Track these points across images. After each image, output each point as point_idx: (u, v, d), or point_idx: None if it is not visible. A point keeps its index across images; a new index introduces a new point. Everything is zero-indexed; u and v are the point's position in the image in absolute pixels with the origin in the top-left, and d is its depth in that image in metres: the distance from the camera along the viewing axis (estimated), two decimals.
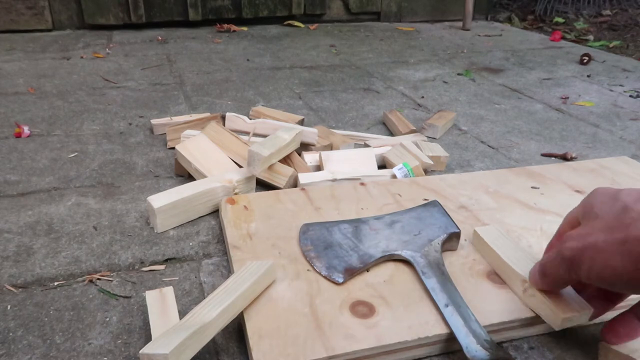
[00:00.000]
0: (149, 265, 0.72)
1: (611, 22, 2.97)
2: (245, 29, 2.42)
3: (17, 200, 0.89)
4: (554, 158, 1.11)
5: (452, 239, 0.70)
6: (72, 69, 1.70)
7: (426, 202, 0.79)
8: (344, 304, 0.60)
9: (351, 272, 0.65)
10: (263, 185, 0.93)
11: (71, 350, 0.57)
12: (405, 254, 0.67)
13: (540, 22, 3.00)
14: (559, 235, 0.59)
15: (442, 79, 1.70)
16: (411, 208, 0.77)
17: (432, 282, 0.62)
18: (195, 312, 0.54)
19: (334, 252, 0.68)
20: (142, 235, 0.79)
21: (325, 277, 0.64)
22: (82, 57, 1.85)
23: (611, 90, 1.60)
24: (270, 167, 0.90)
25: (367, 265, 0.66)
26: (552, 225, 0.78)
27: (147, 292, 0.62)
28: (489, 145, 1.17)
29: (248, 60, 1.88)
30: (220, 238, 0.79)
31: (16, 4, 2.18)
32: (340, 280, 0.63)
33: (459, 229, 0.70)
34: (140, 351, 0.49)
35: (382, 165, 1.01)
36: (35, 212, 0.85)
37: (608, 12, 3.18)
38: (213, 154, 0.94)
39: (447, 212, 0.74)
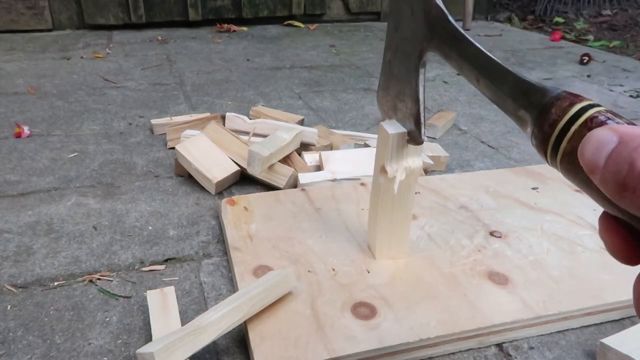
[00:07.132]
0: (149, 265, 0.72)
1: (611, 22, 2.97)
2: (245, 29, 2.42)
3: (17, 200, 0.89)
4: None
5: None
6: (72, 69, 1.70)
7: None
8: (345, 305, 0.60)
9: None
10: (263, 185, 0.93)
11: (71, 350, 0.57)
12: None
13: (540, 22, 3.00)
14: None
15: (442, 79, 1.70)
16: None
17: None
18: (202, 315, 0.54)
19: None
20: (142, 235, 0.79)
21: None
22: (82, 57, 1.84)
23: (611, 90, 1.60)
24: (270, 167, 0.90)
25: None
26: (553, 225, 0.78)
27: (148, 291, 0.62)
28: (489, 145, 1.17)
29: (248, 60, 1.88)
30: (220, 238, 0.79)
31: (16, 4, 2.18)
32: None
33: None
34: (136, 351, 0.50)
35: None
36: (35, 212, 0.85)
37: (608, 12, 3.18)
38: (213, 154, 0.94)
39: None
